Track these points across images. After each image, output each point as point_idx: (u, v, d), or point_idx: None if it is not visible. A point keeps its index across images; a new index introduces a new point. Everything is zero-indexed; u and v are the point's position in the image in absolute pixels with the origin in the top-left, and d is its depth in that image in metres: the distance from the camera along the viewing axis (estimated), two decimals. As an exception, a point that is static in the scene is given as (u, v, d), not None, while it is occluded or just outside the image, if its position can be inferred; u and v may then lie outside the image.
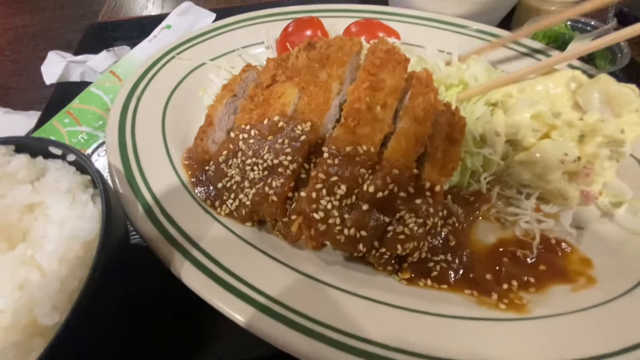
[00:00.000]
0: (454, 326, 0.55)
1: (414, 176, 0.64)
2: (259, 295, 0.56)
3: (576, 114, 0.73)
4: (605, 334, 0.54)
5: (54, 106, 1.06)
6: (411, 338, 0.52)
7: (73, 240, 0.52)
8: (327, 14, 1.05)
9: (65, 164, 0.64)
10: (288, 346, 0.52)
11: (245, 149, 0.72)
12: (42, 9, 1.75)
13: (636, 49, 1.22)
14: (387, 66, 0.66)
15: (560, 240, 0.69)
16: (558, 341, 0.53)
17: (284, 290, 0.58)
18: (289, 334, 0.52)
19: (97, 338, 0.53)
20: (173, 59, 0.98)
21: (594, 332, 0.54)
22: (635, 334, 0.53)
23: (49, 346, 0.42)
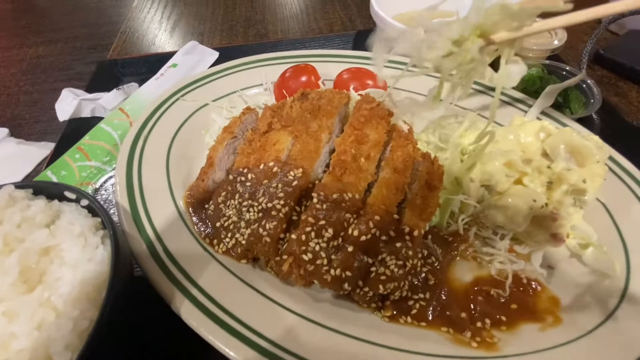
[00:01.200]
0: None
1: (395, 221, 0.70)
2: (252, 334, 0.62)
3: (545, 161, 0.80)
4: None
5: (66, 141, 1.14)
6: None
7: (84, 282, 0.58)
8: (320, 59, 1.14)
9: (78, 206, 0.70)
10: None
11: (242, 191, 0.79)
12: (56, 41, 1.85)
13: (609, 89, 1.31)
14: (370, 122, 0.74)
15: (531, 279, 0.75)
16: (522, 379, 0.58)
17: (275, 329, 0.63)
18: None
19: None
20: (178, 100, 1.06)
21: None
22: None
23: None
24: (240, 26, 1.69)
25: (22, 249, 0.60)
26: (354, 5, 1.76)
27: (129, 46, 1.64)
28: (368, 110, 0.75)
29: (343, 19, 1.68)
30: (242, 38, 1.61)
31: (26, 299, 0.55)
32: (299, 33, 1.61)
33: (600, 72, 1.38)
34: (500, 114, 0.99)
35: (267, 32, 1.64)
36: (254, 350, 0.60)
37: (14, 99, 1.52)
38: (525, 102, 1.01)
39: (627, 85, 1.32)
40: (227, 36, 1.63)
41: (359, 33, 1.47)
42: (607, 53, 1.38)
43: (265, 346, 0.60)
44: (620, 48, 1.40)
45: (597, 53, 1.39)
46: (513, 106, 1.00)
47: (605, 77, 1.36)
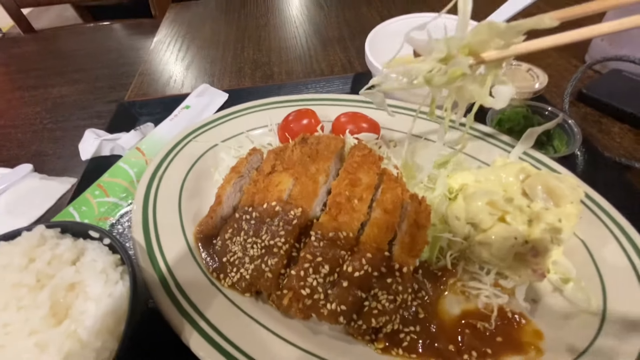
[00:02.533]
0: (418, 394, 0.65)
1: (386, 258, 0.77)
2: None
3: (525, 200, 0.87)
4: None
5: (87, 177, 1.24)
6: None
7: (106, 315, 0.65)
8: (320, 102, 1.25)
9: (100, 244, 0.79)
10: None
11: (247, 228, 0.86)
12: (78, 82, 2.01)
13: (593, 125, 1.39)
14: (363, 167, 0.83)
15: (515, 313, 0.80)
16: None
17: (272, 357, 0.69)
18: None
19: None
20: (191, 141, 1.17)
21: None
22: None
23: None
24: (248, 68, 1.84)
25: (52, 285, 0.67)
26: (353, 48, 1.90)
27: (145, 87, 1.78)
28: (360, 157, 0.83)
29: (343, 61, 1.81)
30: (250, 79, 1.75)
31: (55, 331, 0.62)
32: (302, 74, 1.74)
33: (584, 110, 1.46)
34: (485, 154, 1.07)
35: (272, 73, 1.77)
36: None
37: (39, 135, 1.64)
38: (507, 142, 1.09)
39: (610, 121, 1.40)
40: (235, 77, 1.77)
41: (356, 75, 1.59)
42: (589, 92, 1.47)
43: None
44: (602, 86, 1.49)
45: (580, 91, 1.49)
46: (496, 146, 1.08)
47: (589, 114, 1.44)
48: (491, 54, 0.67)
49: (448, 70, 0.70)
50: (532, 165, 0.96)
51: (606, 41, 1.60)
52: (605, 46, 1.60)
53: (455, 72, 0.70)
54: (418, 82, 0.76)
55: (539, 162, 1.02)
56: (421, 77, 0.74)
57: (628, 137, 1.34)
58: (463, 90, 0.78)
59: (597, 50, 1.64)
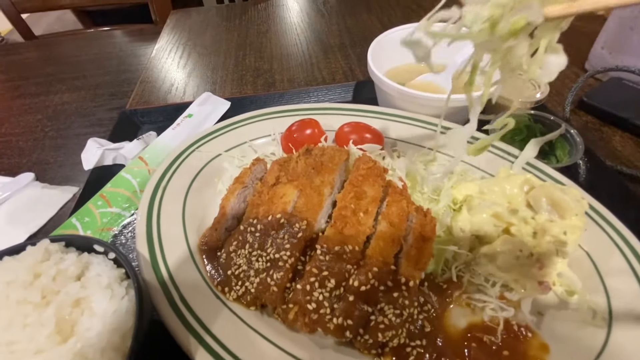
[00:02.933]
0: (426, 411, 0.65)
1: (392, 272, 0.77)
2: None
3: (530, 212, 0.87)
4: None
5: (89, 187, 1.23)
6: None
7: (112, 332, 0.65)
8: (323, 112, 1.25)
9: (105, 258, 0.78)
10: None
11: (252, 241, 0.86)
12: (79, 89, 2.00)
13: (594, 134, 1.40)
14: (368, 180, 0.83)
15: (521, 325, 0.80)
16: None
17: (281, 375, 0.68)
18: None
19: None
20: (194, 151, 1.17)
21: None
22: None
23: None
24: (250, 75, 1.84)
25: (57, 301, 0.67)
26: (354, 56, 1.91)
27: (147, 95, 1.78)
28: (365, 169, 0.84)
29: (344, 68, 1.82)
30: (252, 87, 1.75)
31: (62, 349, 0.61)
32: (304, 81, 1.75)
33: (585, 118, 1.47)
34: (488, 163, 1.07)
35: (274, 81, 1.78)
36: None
37: (40, 143, 1.64)
38: (511, 153, 1.10)
39: (611, 130, 1.41)
40: (237, 85, 1.77)
41: (358, 83, 1.59)
42: (590, 100, 1.48)
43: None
44: (603, 95, 1.50)
45: (581, 100, 1.49)
46: (499, 156, 1.09)
47: (590, 122, 1.45)
48: (554, 9, 0.51)
49: (513, 18, 0.54)
50: (536, 177, 0.97)
51: (606, 50, 1.61)
52: (605, 55, 1.61)
53: (519, 22, 0.53)
54: (475, 29, 0.58)
55: (542, 172, 1.02)
56: (481, 23, 0.57)
57: (629, 146, 1.35)
58: (510, 56, 0.61)
59: (598, 58, 1.65)
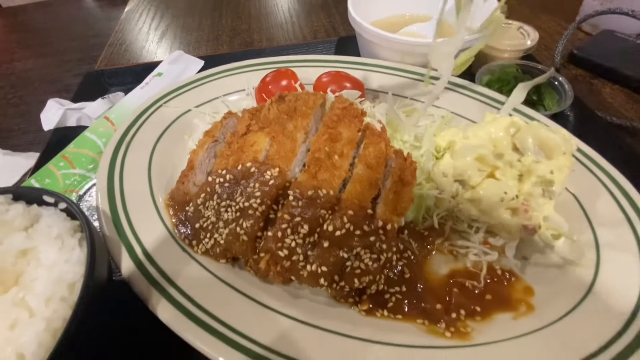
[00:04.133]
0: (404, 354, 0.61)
1: (369, 216, 0.72)
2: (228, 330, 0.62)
3: (515, 155, 0.82)
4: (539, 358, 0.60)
5: (51, 150, 1.15)
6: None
7: (60, 282, 0.59)
8: (302, 64, 1.17)
9: (57, 210, 0.71)
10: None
11: (220, 192, 0.80)
12: (45, 55, 1.88)
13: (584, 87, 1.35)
14: (344, 120, 0.76)
15: (505, 270, 0.77)
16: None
17: (250, 325, 0.64)
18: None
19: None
20: (161, 106, 1.08)
21: (529, 356, 0.60)
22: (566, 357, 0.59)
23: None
24: (226, 36, 1.73)
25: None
26: (337, 14, 1.81)
27: (116, 58, 1.66)
28: (341, 109, 0.77)
29: (327, 27, 1.72)
30: (228, 47, 1.65)
31: (1, 299, 0.55)
32: (284, 41, 1.65)
33: (575, 71, 1.42)
34: (474, 111, 1.02)
35: (252, 40, 1.68)
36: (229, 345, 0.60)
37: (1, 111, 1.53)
38: (498, 100, 1.04)
39: (601, 82, 1.36)
40: (212, 46, 1.67)
41: (341, 39, 1.51)
42: (581, 52, 1.42)
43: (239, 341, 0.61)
44: (593, 48, 1.44)
45: (571, 53, 1.44)
46: (486, 104, 1.03)
47: (580, 75, 1.40)
48: None
49: None
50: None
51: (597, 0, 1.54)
52: (596, 6, 1.54)
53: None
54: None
55: (530, 118, 0.97)
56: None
57: (619, 97, 1.30)
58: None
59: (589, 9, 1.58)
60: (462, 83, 1.09)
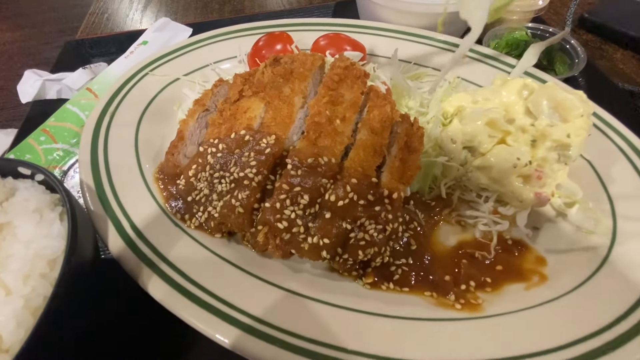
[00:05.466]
0: (411, 327, 0.58)
1: (374, 184, 0.67)
2: (223, 305, 0.58)
3: (528, 119, 0.77)
4: (551, 330, 0.57)
5: (30, 124, 1.07)
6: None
7: (39, 258, 0.54)
8: (297, 28, 1.09)
9: (34, 183, 0.66)
10: (248, 352, 0.54)
11: (213, 162, 0.74)
12: (22, 27, 1.76)
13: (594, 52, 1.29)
14: (345, 81, 0.70)
15: (516, 240, 0.73)
16: (507, 337, 0.56)
17: (248, 300, 0.60)
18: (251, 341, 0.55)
19: (65, 353, 0.55)
20: (147, 75, 1.01)
21: (541, 328, 0.57)
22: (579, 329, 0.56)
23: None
24: (215, 2, 1.62)
25: (-32, 226, 0.55)
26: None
27: (98, 27, 1.56)
28: (342, 69, 0.70)
29: (323, -9, 1.61)
30: (218, 14, 1.55)
31: (-28, 277, 0.50)
32: (277, 7, 1.55)
33: (585, 36, 1.35)
34: (483, 76, 0.95)
35: (243, 7, 1.57)
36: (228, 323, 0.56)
37: (-22, 86, 1.44)
38: (508, 62, 0.98)
39: (612, 47, 1.30)
40: (201, 13, 1.56)
41: (338, 4, 1.41)
42: (592, 16, 1.35)
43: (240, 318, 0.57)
44: (604, 11, 1.37)
45: (582, 17, 1.36)
46: (495, 67, 0.97)
47: (590, 40, 1.33)
48: None
49: None
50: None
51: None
52: (610, -34, 1.45)
53: None
54: None
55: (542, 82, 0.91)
56: None
57: (631, 63, 1.24)
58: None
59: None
60: (469, 46, 1.02)
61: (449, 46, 1.04)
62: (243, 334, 0.55)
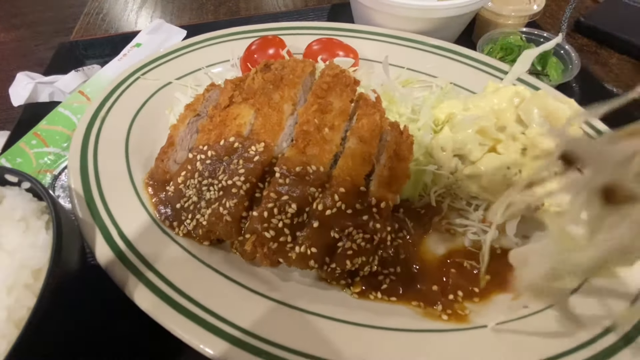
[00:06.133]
0: (398, 338, 0.58)
1: (362, 193, 0.67)
2: (210, 316, 0.58)
3: (519, 127, 0.77)
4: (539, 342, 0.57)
5: (22, 127, 1.07)
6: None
7: (23, 268, 0.54)
8: (291, 31, 1.08)
9: (22, 190, 0.65)
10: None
11: (202, 169, 0.74)
12: (16, 27, 1.75)
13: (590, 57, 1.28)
14: (334, 89, 0.70)
15: (505, 250, 0.73)
16: (492, 349, 0.56)
17: (236, 311, 0.60)
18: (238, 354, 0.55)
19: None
20: (139, 79, 1.00)
21: (527, 340, 0.57)
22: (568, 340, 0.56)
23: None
24: (210, 4, 1.61)
25: (-48, 236, 0.55)
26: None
27: (92, 28, 1.54)
28: (331, 77, 0.70)
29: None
30: (213, 16, 1.54)
31: (-45, 287, 0.50)
32: (272, 9, 1.54)
33: (581, 41, 1.34)
34: (475, 82, 0.95)
35: (238, 9, 1.56)
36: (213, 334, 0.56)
37: (-29, 87, 1.43)
38: (501, 69, 0.97)
39: (608, 52, 1.29)
40: (196, 14, 1.55)
41: (333, 7, 1.41)
42: (587, 20, 1.34)
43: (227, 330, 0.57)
44: (601, 15, 1.36)
45: (577, 21, 1.35)
46: (488, 74, 0.96)
47: (586, 45, 1.33)
48: None
49: None
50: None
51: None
52: (606, -30, 1.44)
53: None
54: None
55: (536, 89, 0.91)
56: None
57: (627, 69, 1.24)
58: None
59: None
60: (462, 51, 1.02)
61: (442, 51, 1.03)
62: (229, 345, 0.55)
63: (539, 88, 0.91)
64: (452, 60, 1.00)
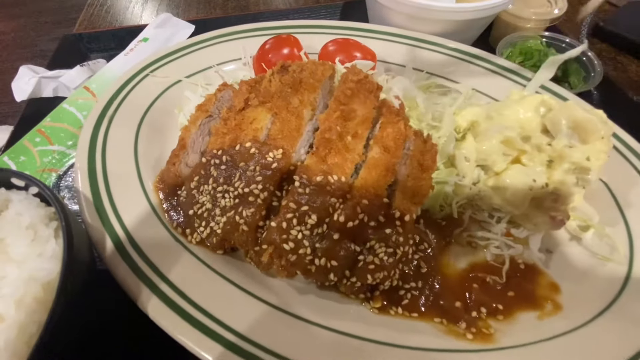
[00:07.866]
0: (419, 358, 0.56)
1: (385, 205, 0.64)
2: (227, 332, 0.56)
3: (545, 138, 0.74)
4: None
5: (25, 123, 1.03)
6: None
7: (32, 281, 0.51)
8: (305, 30, 1.05)
9: (29, 195, 0.62)
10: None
11: (216, 175, 0.71)
12: (18, 17, 1.70)
13: (608, 63, 1.25)
14: (358, 96, 0.67)
15: (529, 264, 0.71)
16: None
17: (253, 326, 0.57)
18: None
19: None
20: (147, 76, 0.96)
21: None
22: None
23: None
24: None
25: (-44, 245, 0.52)
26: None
27: (97, 20, 1.50)
28: (355, 82, 0.67)
29: (331, -10, 1.56)
30: (221, 10, 1.49)
31: (-40, 303, 0.47)
32: (282, 5, 1.50)
33: (599, 46, 1.31)
34: (496, 88, 0.92)
35: (247, 4, 1.52)
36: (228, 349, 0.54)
37: (-30, 79, 1.39)
38: (522, 75, 0.94)
39: (627, 59, 1.26)
40: (204, 9, 1.51)
41: (346, 4, 1.37)
42: (607, 25, 1.31)
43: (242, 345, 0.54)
44: (620, 20, 1.33)
45: (597, 25, 1.32)
46: (510, 79, 0.93)
47: (605, 50, 1.30)
48: None
49: None
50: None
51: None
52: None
53: None
54: None
55: (559, 96, 0.88)
56: None
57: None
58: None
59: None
60: (482, 55, 0.99)
61: (460, 54, 1.00)
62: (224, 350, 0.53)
63: (563, 97, 0.89)
64: (471, 64, 0.97)
